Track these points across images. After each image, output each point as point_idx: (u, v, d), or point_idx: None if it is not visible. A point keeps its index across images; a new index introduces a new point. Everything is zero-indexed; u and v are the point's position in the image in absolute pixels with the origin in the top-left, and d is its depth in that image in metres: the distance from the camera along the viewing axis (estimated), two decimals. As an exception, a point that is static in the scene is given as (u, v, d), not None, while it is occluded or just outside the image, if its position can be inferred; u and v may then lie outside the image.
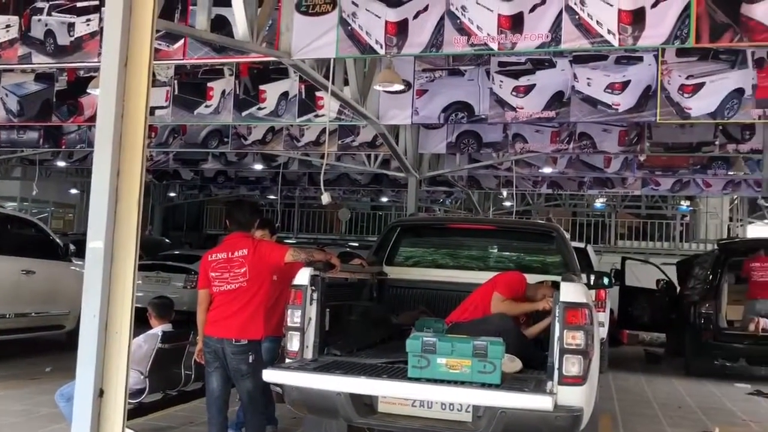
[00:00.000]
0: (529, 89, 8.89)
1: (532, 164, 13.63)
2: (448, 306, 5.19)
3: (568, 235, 5.41)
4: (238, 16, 6.07)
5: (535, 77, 8.89)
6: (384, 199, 21.55)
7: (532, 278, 4.88)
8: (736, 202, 19.70)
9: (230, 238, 4.80)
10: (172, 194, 23.68)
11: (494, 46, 6.14)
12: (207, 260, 4.75)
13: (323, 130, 12.23)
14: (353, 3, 6.51)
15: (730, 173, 12.61)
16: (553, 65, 8.85)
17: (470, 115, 9.19)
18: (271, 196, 20.64)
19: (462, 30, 6.22)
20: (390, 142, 10.30)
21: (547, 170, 13.30)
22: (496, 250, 5.43)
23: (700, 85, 8.18)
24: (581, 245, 11.12)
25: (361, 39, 6.49)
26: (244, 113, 9.83)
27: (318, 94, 9.48)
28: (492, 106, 9.02)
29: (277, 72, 9.61)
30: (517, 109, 8.93)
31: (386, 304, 5.53)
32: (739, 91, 8.09)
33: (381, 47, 6.44)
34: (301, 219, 24.49)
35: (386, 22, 6.40)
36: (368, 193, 20.97)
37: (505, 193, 18.23)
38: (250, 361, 4.57)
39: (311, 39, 6.65)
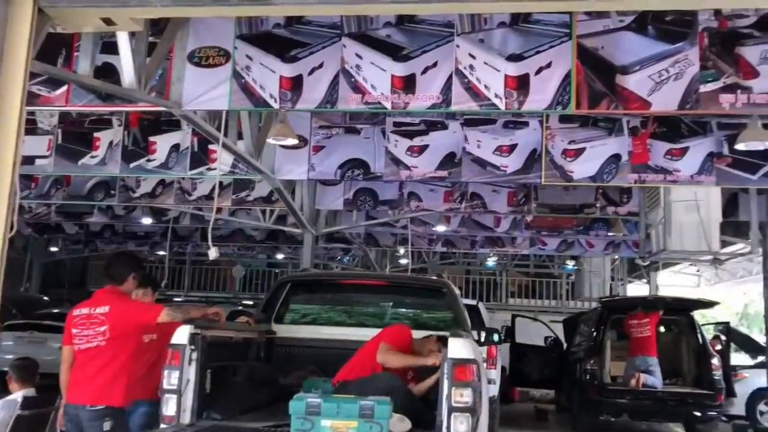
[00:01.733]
0: (422, 149, 9.10)
1: (427, 222, 13.88)
2: (340, 365, 5.04)
3: (459, 292, 5.44)
4: (126, 63, 5.87)
5: (428, 138, 9.12)
6: (280, 256, 21.21)
7: (420, 334, 4.85)
8: (616, 262, 20.81)
9: (98, 292, 4.50)
10: (54, 249, 22.26)
11: (388, 105, 6.23)
12: (71, 315, 4.42)
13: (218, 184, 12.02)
14: (247, 57, 6.47)
15: (610, 234, 13.32)
16: (445, 127, 9.11)
17: (366, 173, 9.26)
18: (161, 252, 19.82)
19: (357, 88, 6.30)
20: (286, 198, 10.17)
21: (441, 228, 13.55)
22: (388, 306, 5.38)
23: (581, 150, 8.65)
24: (473, 302, 11.30)
25: (254, 92, 6.43)
26: (132, 165, 9.45)
27: (211, 146, 9.28)
28: (387, 164, 9.15)
29: (169, 123, 9.35)
30: (412, 168, 9.10)
31: (274, 364, 5.32)
32: (617, 157, 8.61)
33: (275, 101, 6.40)
34: (192, 276, 23.63)
35: (281, 77, 6.38)
36: (264, 250, 20.58)
37: (401, 251, 18.39)
38: (106, 429, 4.20)
39: (203, 90, 6.52)
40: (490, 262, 21.83)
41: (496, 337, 6.92)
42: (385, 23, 6.35)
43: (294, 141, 6.71)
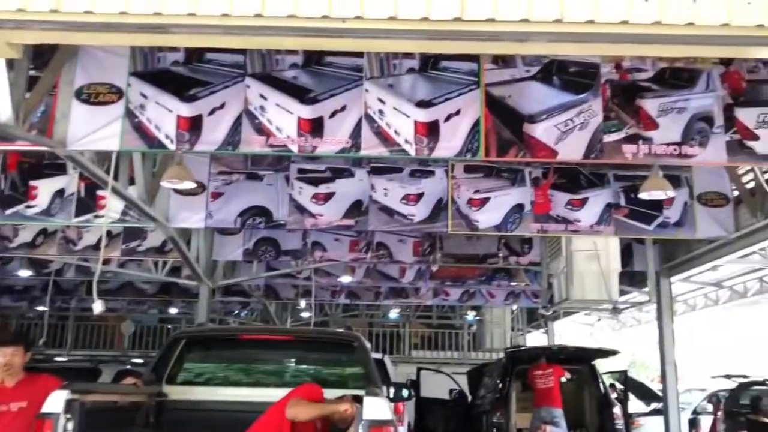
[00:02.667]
0: (328, 197, 8.84)
1: (331, 273, 13.51)
2: (238, 429, 4.56)
3: (369, 345, 5.12)
4: (1, 95, 5.29)
5: (334, 185, 8.88)
6: (173, 311, 20.07)
7: (332, 393, 4.48)
8: (516, 312, 21.16)
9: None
10: None
11: (294, 148, 5.96)
12: None
13: (106, 234, 11.21)
14: (142, 95, 6.04)
15: (512, 284, 13.45)
16: (351, 174, 8.92)
17: (269, 221, 8.87)
18: (41, 308, 18.28)
19: (260, 130, 6.00)
20: (180, 248, 9.57)
21: (346, 279, 13.22)
22: (293, 363, 4.97)
23: (486, 200, 8.67)
24: (379, 356, 10.97)
25: (149, 133, 5.99)
26: (8, 211, 8.64)
27: (100, 192, 8.61)
28: (291, 212, 8.82)
29: (53, 167, 8.65)
30: (317, 216, 8.81)
31: (165, 429, 4.76)
32: (520, 207, 8.68)
33: (171, 142, 5.98)
34: (76, 333, 21.92)
35: (178, 116, 5.99)
36: (156, 304, 19.40)
37: (303, 303, 17.85)
38: None
39: (92, 129, 6.01)
40: (393, 313, 21.62)
41: (405, 393, 6.65)
42: (291, 65, 6.13)
43: (191, 185, 6.27)
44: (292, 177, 8.87)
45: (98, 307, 5.71)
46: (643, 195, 6.36)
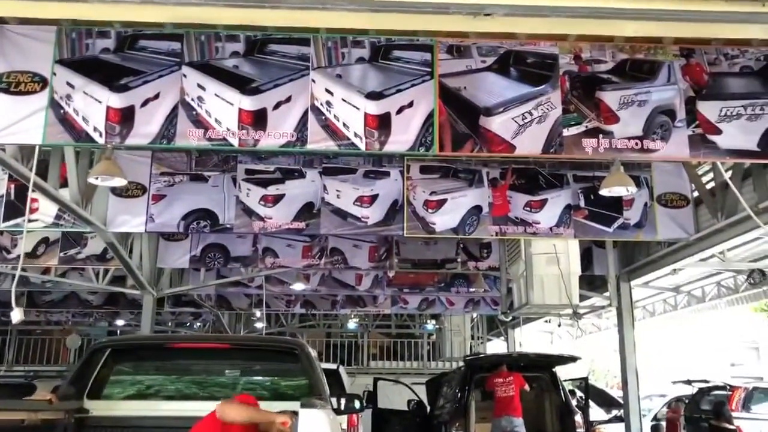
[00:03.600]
0: (278, 199, 8.42)
1: (285, 281, 13.04)
2: (169, 448, 4.10)
3: (315, 353, 4.70)
4: None
5: (284, 187, 8.48)
6: (120, 323, 19.25)
7: (272, 406, 4.06)
8: (476, 320, 20.91)
9: None
10: None
11: (234, 142, 5.52)
12: None
13: (43, 240, 10.56)
14: (68, 84, 5.54)
15: (471, 290, 13.17)
16: (302, 175, 8.53)
17: (214, 224, 8.40)
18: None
19: (198, 122, 5.55)
20: (121, 254, 9.01)
21: (299, 287, 12.74)
22: (230, 374, 4.51)
23: (443, 201, 8.37)
24: (333, 366, 10.55)
25: (75, 125, 5.49)
26: (-71, 216, 7.99)
27: (34, 194, 8.01)
28: (238, 215, 8.37)
29: (-21, 168, 8.03)
30: (266, 219, 8.38)
31: (86, 450, 4.26)
32: (478, 209, 8.40)
33: (100, 136, 5.49)
34: (18, 348, 20.86)
35: (108, 107, 5.51)
36: (103, 316, 18.59)
37: (258, 314, 17.28)
38: None
39: (12, 121, 5.48)
40: (352, 323, 21.16)
41: (357, 404, 6.22)
42: (232, 53, 5.72)
43: (122, 181, 5.77)
44: (239, 178, 8.43)
45: (17, 315, 5.17)
46: (604, 192, 6.09)
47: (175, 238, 10.52)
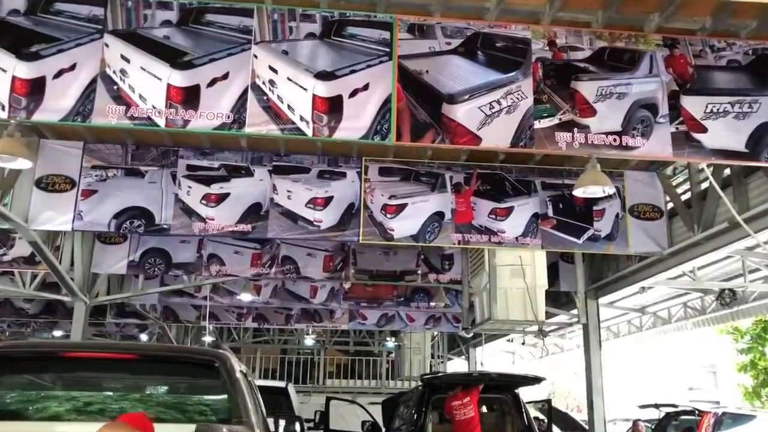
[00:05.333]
0: (221, 198, 7.69)
1: (234, 292, 12.22)
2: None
3: (241, 366, 3.98)
4: None
5: (229, 185, 7.75)
6: (58, 333, 18.07)
7: (179, 429, 3.33)
8: (437, 338, 20.25)
9: None
10: None
11: (160, 121, 4.81)
12: None
13: (-36, 240, 9.62)
14: (-33, 48, 4.77)
15: (431, 305, 12.52)
16: (250, 173, 7.82)
17: (149, 224, 7.60)
18: None
19: (119, 98, 4.83)
20: (46, 255, 8.14)
21: (247, 297, 11.93)
22: (135, 389, 3.74)
23: (403, 206, 7.74)
24: (281, 384, 9.78)
25: (-27, 96, 4.71)
26: None
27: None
28: (177, 214, 7.60)
29: None
30: (207, 220, 7.62)
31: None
32: (440, 215, 7.78)
33: (3, 109, 4.73)
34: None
35: (14, 78, 4.77)
36: (42, 327, 17.43)
37: (211, 327, 16.36)
38: None
39: None
40: (309, 340, 20.32)
41: (298, 427, 5.52)
42: (164, 22, 5.03)
43: (27, 163, 4.98)
44: (179, 174, 7.68)
45: None
46: (578, 192, 5.50)
47: (112, 241, 9.68)
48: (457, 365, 20.75)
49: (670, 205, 7.97)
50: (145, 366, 3.77)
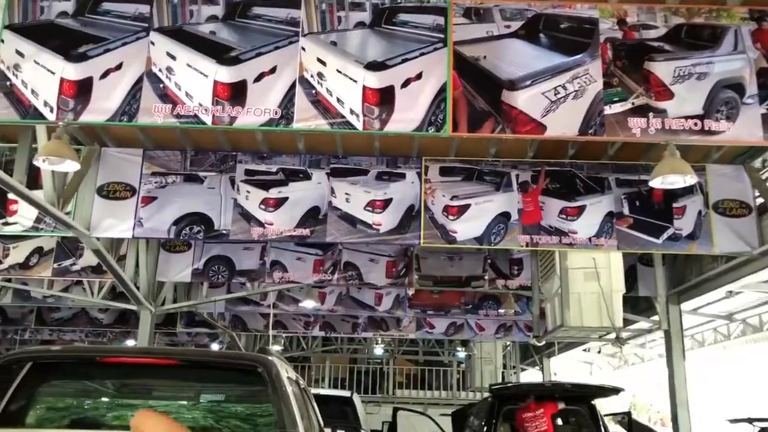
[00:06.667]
0: (280, 202, 7.53)
1: (299, 300, 12.09)
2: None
3: (290, 373, 3.74)
4: None
5: (287, 189, 7.59)
6: (131, 342, 18.45)
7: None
8: (509, 348, 19.64)
9: None
10: None
11: (207, 119, 4.65)
12: None
13: (36, 250, 9.84)
14: (18, 53, 4.78)
15: (501, 312, 12.03)
16: (308, 177, 7.65)
17: (209, 230, 7.52)
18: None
19: (166, 96, 4.70)
20: (109, 263, 8.18)
21: (310, 304, 11.76)
22: (176, 397, 3.55)
23: (465, 207, 7.37)
24: (346, 394, 9.54)
25: (23, 99, 4.70)
26: None
27: (12, 196, 7.26)
28: (236, 219, 7.49)
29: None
30: (266, 225, 7.47)
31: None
32: (506, 216, 7.37)
33: (51, 112, 4.67)
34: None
35: (62, 80, 4.71)
36: (117, 336, 17.83)
37: (278, 336, 16.38)
38: None
39: (-47, 96, 4.70)
40: (378, 349, 20.08)
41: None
42: (210, 17, 4.89)
43: (75, 165, 4.92)
44: (238, 179, 7.57)
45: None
46: (656, 182, 5.02)
47: (176, 249, 9.71)
48: (530, 376, 20.04)
49: (760, 200, 7.30)
50: (185, 372, 3.57)
